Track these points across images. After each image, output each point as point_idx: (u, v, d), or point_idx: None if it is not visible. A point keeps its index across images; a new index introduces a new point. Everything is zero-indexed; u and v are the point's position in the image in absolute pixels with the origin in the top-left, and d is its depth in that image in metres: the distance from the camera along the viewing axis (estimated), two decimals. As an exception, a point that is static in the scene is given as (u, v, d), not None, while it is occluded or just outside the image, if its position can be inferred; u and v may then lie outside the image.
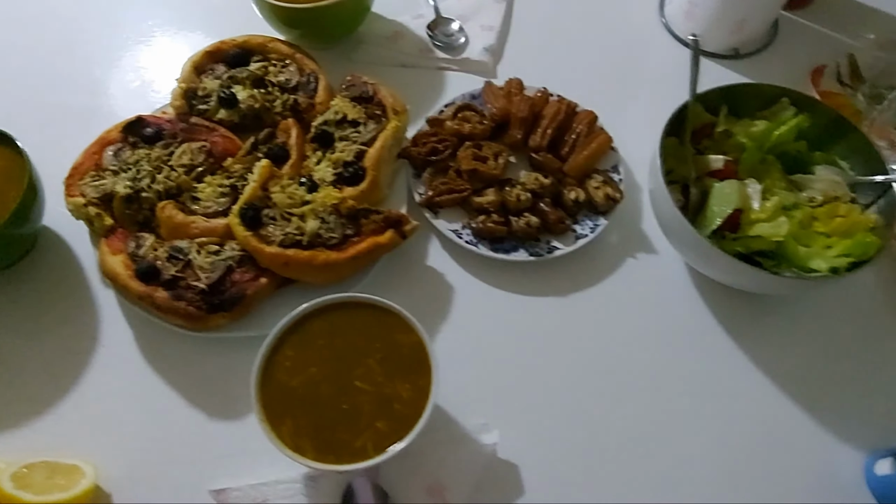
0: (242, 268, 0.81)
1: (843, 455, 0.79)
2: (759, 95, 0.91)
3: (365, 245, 0.82)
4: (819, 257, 0.79)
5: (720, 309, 0.88)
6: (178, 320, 0.79)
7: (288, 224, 0.82)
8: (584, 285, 0.89)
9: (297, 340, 0.73)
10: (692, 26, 1.12)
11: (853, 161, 0.88)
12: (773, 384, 0.83)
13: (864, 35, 1.11)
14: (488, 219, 0.89)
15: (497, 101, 0.98)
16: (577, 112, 0.99)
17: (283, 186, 0.84)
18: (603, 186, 0.92)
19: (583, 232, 0.90)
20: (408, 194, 0.93)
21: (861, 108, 1.05)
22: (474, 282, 0.89)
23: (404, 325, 0.73)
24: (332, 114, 0.93)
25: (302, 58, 1.00)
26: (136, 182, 0.87)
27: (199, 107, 0.96)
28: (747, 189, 0.85)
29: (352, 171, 0.88)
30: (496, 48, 1.12)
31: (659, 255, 0.92)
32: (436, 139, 0.95)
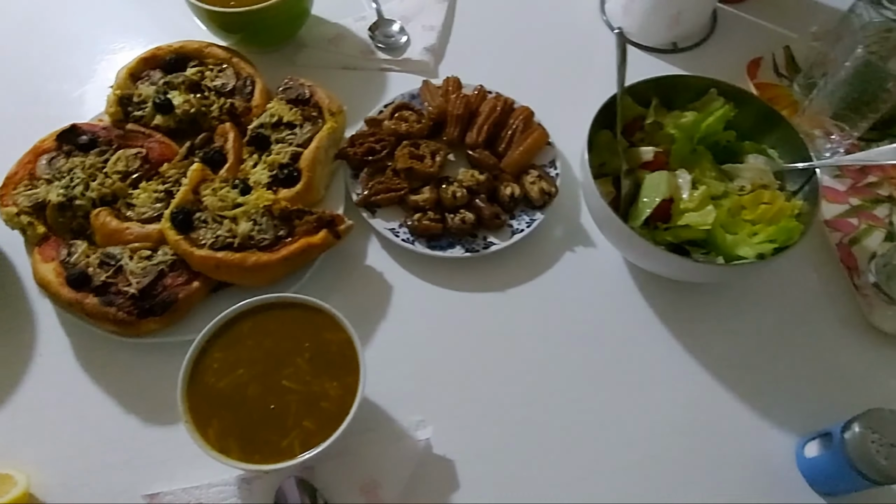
0: (175, 272, 0.81)
1: (777, 439, 0.80)
2: (690, 87, 0.93)
3: (297, 245, 0.82)
4: (745, 244, 0.81)
5: (656, 299, 0.89)
6: (109, 326, 0.79)
7: (220, 227, 0.82)
8: (521, 280, 0.90)
9: (226, 342, 0.73)
10: (630, 21, 1.14)
11: (782, 150, 0.89)
12: (707, 372, 0.84)
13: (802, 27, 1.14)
14: (424, 216, 0.89)
15: (434, 100, 0.99)
16: (515, 108, 1.00)
17: (215, 189, 0.84)
18: (538, 181, 0.92)
19: (519, 227, 0.91)
20: (345, 195, 0.93)
21: (797, 97, 1.07)
22: (412, 279, 0.90)
23: (333, 324, 0.74)
24: (268, 116, 0.94)
25: (238, 62, 1.01)
26: (70, 190, 0.86)
27: (134, 113, 0.96)
28: (677, 179, 0.86)
29: (287, 173, 0.89)
30: (437, 48, 1.13)
31: (597, 247, 0.93)
32: (373, 139, 0.95)
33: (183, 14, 1.04)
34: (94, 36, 1.15)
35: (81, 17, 1.17)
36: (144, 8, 1.18)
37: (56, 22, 1.17)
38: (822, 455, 0.72)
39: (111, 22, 1.17)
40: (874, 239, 0.92)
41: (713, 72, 1.08)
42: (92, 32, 1.15)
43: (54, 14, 1.18)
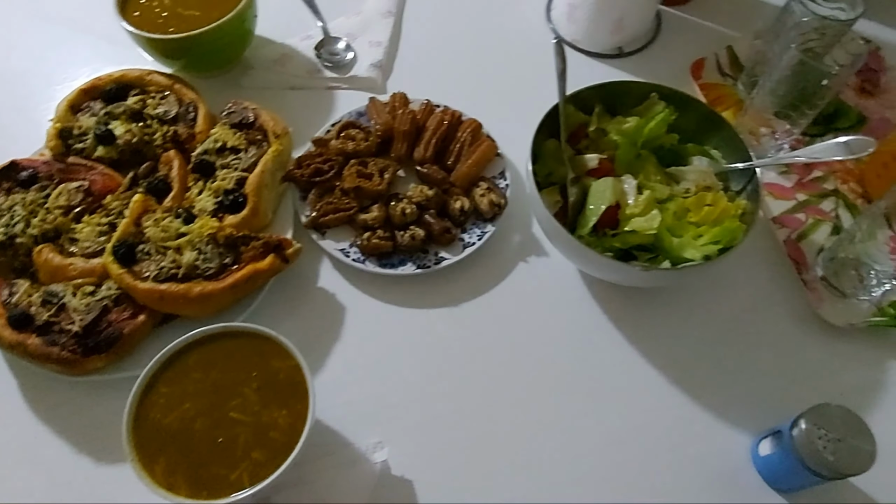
0: (119, 307, 0.80)
1: (734, 437, 0.80)
2: (633, 93, 0.93)
3: (243, 273, 0.81)
4: (690, 247, 0.81)
5: (610, 305, 0.89)
6: (53, 366, 0.77)
7: (163, 258, 0.81)
8: (474, 293, 0.90)
9: (171, 377, 0.72)
10: (575, 28, 1.14)
11: (726, 151, 0.90)
12: (663, 374, 0.85)
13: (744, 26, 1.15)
14: (373, 235, 0.89)
15: (381, 117, 0.99)
16: (463, 121, 1.00)
17: (157, 220, 0.83)
18: (487, 193, 0.92)
19: (470, 240, 0.91)
20: (294, 217, 0.92)
21: (742, 96, 1.09)
22: (366, 299, 0.89)
23: (281, 350, 0.73)
24: (212, 142, 0.93)
25: (181, 88, 1.00)
26: (10, 228, 0.85)
27: (76, 146, 0.94)
28: (623, 185, 0.87)
29: (232, 199, 0.88)
30: (385, 63, 1.13)
31: (549, 256, 0.93)
32: (320, 160, 0.95)
33: (125, 43, 1.02)
34: (33, 69, 1.13)
35: (19, 50, 1.15)
36: (85, 39, 1.16)
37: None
38: (775, 453, 0.72)
39: (50, 54, 1.15)
40: (821, 233, 0.94)
41: (659, 74, 1.10)
42: (30, 65, 1.13)
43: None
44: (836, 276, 0.88)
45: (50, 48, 1.16)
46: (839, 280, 0.88)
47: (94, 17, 1.13)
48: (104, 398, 0.80)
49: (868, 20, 1.13)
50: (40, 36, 1.17)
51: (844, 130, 1.04)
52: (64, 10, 1.21)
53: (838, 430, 0.66)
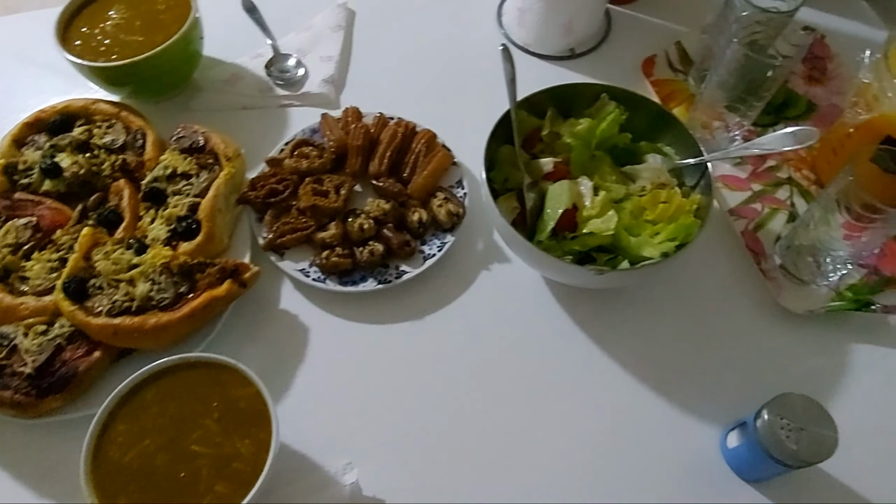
0: (73, 344, 0.78)
1: (704, 431, 0.80)
2: (584, 94, 0.93)
3: (200, 301, 0.79)
4: (648, 245, 0.81)
5: (574, 308, 0.89)
6: (7, 411, 0.75)
7: (116, 291, 0.79)
8: (438, 305, 0.89)
9: (129, 413, 0.70)
10: (525, 33, 1.15)
11: (678, 147, 0.91)
12: (631, 373, 0.85)
13: (693, 21, 1.16)
14: (332, 253, 0.88)
15: (334, 133, 0.98)
16: (417, 132, 0.99)
17: (108, 253, 0.81)
18: (445, 203, 0.92)
19: (431, 252, 0.90)
20: (251, 240, 0.91)
21: (693, 90, 1.09)
22: (328, 318, 0.88)
23: (241, 378, 0.71)
24: (162, 169, 0.91)
25: (127, 115, 0.98)
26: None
27: (21, 181, 0.92)
28: (579, 187, 0.87)
29: (186, 226, 0.86)
30: (337, 78, 1.12)
31: (511, 262, 0.93)
32: (275, 180, 0.93)
33: (68, 73, 1.00)
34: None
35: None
36: (26, 70, 1.13)
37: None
38: (741, 445, 0.73)
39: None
40: (778, 222, 0.94)
41: (612, 74, 1.11)
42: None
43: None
44: (794, 263, 0.89)
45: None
46: (797, 267, 0.89)
47: (34, 47, 1.11)
48: (62, 439, 0.78)
49: (811, 8, 1.15)
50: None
51: (795, 119, 1.06)
52: (5, 43, 1.18)
53: (800, 419, 0.67)
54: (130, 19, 1.02)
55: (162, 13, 1.03)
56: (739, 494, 0.76)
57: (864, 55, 0.88)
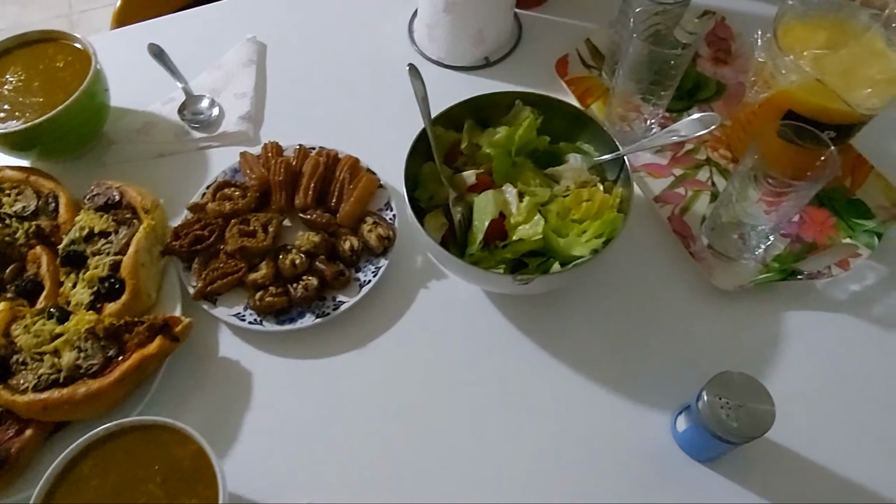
0: (3, 426, 0.75)
1: (655, 419, 0.81)
2: (500, 103, 0.94)
3: (130, 363, 0.77)
4: (577, 245, 0.82)
5: (515, 315, 0.89)
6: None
7: (41, 365, 0.76)
8: (380, 330, 0.88)
9: (68, 490, 0.67)
10: (437, 47, 1.15)
11: (597, 144, 0.92)
12: (579, 371, 0.85)
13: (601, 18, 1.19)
14: (266, 293, 0.86)
15: (255, 171, 0.96)
16: (339, 159, 0.99)
17: (27, 326, 0.78)
18: (374, 228, 0.91)
19: (366, 278, 0.89)
20: (181, 291, 0.89)
21: (608, 84, 1.11)
22: (271, 359, 0.87)
23: (181, 436, 0.69)
24: (78, 231, 0.88)
25: (37, 179, 0.95)
26: None
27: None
28: (505, 196, 0.87)
29: (108, 286, 0.83)
30: (253, 114, 1.10)
31: (448, 278, 0.93)
32: (199, 226, 0.91)
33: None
34: None
35: None
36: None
37: None
38: (688, 428, 0.74)
39: None
40: (702, 203, 0.97)
41: (527, 78, 1.12)
42: None
43: None
44: (721, 242, 0.91)
45: None
46: (724, 245, 0.91)
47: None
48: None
49: (708, -8, 1.19)
50: None
51: (707, 101, 1.09)
52: None
53: (738, 396, 0.68)
54: (28, 81, 0.99)
55: (60, 70, 1.00)
56: (695, 475, 0.77)
57: (757, 35, 0.91)
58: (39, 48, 1.03)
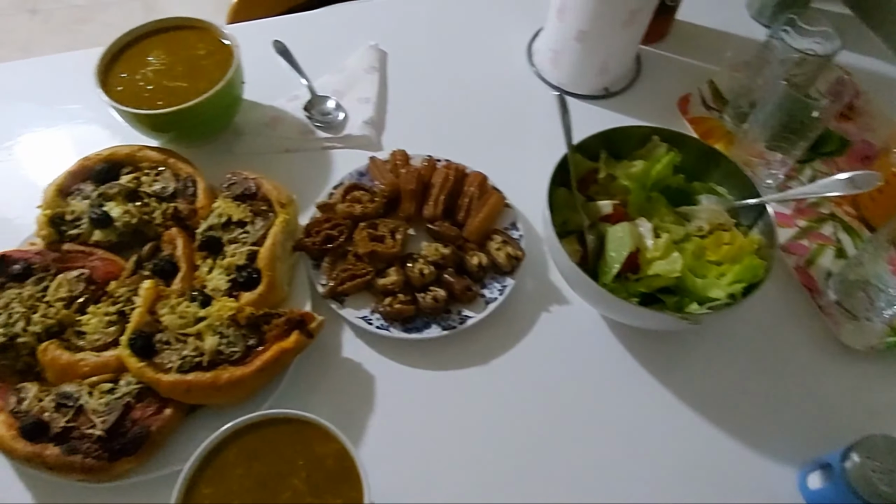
0: (143, 402, 0.76)
1: (778, 472, 0.81)
2: (633, 136, 0.95)
3: (270, 354, 0.78)
4: (715, 286, 0.82)
5: (637, 348, 0.90)
6: (77, 476, 0.72)
7: (184, 346, 0.77)
8: (503, 349, 0.89)
9: (213, 476, 0.68)
10: (559, 73, 1.16)
11: (730, 186, 0.92)
12: (699, 414, 0.85)
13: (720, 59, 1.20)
14: (395, 300, 0.87)
15: (384, 177, 0.98)
16: (467, 174, 1.00)
17: (173, 306, 0.79)
18: (503, 247, 0.92)
19: (492, 296, 0.90)
20: (310, 287, 0.90)
21: (730, 128, 1.12)
22: (393, 366, 0.87)
23: (323, 434, 0.70)
24: (216, 217, 0.89)
25: (175, 162, 0.96)
26: (9, 328, 0.79)
27: (70, 232, 0.89)
28: (639, 229, 0.88)
29: (246, 276, 0.85)
30: (376, 120, 1.12)
31: (571, 303, 0.93)
32: (329, 225, 0.93)
33: (102, 121, 0.99)
34: (11, 153, 1.08)
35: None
36: (63, 117, 1.11)
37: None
38: (826, 487, 0.73)
39: (29, 136, 1.10)
40: (827, 258, 0.96)
41: (647, 112, 1.13)
42: (7, 149, 1.08)
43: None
44: (849, 299, 0.91)
45: (27, 129, 1.10)
46: (852, 303, 0.90)
47: (72, 93, 1.09)
48: (138, 501, 0.76)
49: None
50: (15, 116, 1.12)
51: (829, 155, 1.08)
52: (38, 88, 1.16)
53: (888, 461, 0.68)
54: (171, 65, 1.01)
55: (203, 59, 1.02)
56: (820, 534, 0.77)
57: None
58: (181, 34, 1.05)
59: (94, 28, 2.95)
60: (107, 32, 1.00)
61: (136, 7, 3.00)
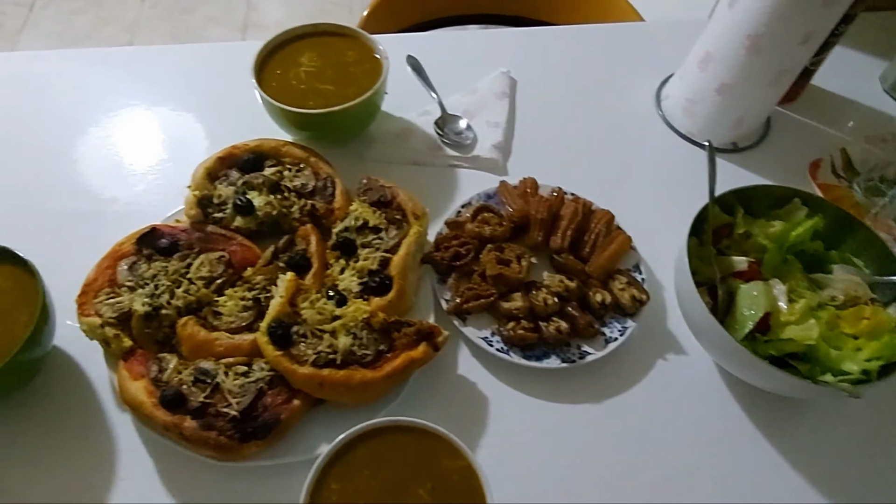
0: (274, 390, 0.78)
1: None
2: (772, 195, 0.94)
3: (400, 361, 0.79)
4: (850, 360, 0.80)
5: (753, 410, 0.88)
6: (208, 451, 0.74)
7: (319, 342, 0.79)
8: (616, 390, 0.88)
9: (341, 472, 0.69)
10: (691, 122, 1.16)
11: (865, 257, 0.91)
12: (811, 487, 0.83)
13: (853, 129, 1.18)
14: (518, 325, 0.88)
15: (514, 202, 0.99)
16: (594, 211, 1.00)
17: (313, 301, 0.82)
18: (628, 288, 0.92)
19: (612, 335, 0.90)
20: (434, 301, 0.91)
21: (859, 199, 1.10)
22: (506, 390, 0.88)
23: (451, 450, 0.71)
24: (353, 220, 0.92)
25: (317, 161, 1.00)
26: (155, 298, 0.83)
27: (214, 215, 0.93)
28: (773, 290, 0.87)
29: (378, 281, 0.87)
30: (504, 145, 1.14)
31: (688, 355, 0.92)
32: (457, 243, 0.94)
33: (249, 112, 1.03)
34: (153, 130, 1.13)
35: (135, 112, 1.16)
36: (211, 103, 1.17)
37: (116, 117, 1.15)
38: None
39: (170, 115, 1.15)
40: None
41: (774, 171, 1.12)
42: (150, 126, 1.14)
43: (112, 107, 1.16)
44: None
45: (168, 109, 1.16)
46: None
47: (224, 86, 1.14)
48: (248, 485, 0.78)
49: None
50: (161, 97, 1.18)
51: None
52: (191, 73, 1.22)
53: None
54: (322, 68, 1.05)
55: (351, 66, 1.06)
56: None
57: None
58: (332, 40, 1.10)
59: (196, 20, 3.06)
60: (205, 25, 1.06)
61: (239, 4, 3.10)
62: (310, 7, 3.17)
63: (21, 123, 1.11)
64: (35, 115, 1.13)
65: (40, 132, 1.10)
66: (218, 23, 3.16)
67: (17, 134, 1.10)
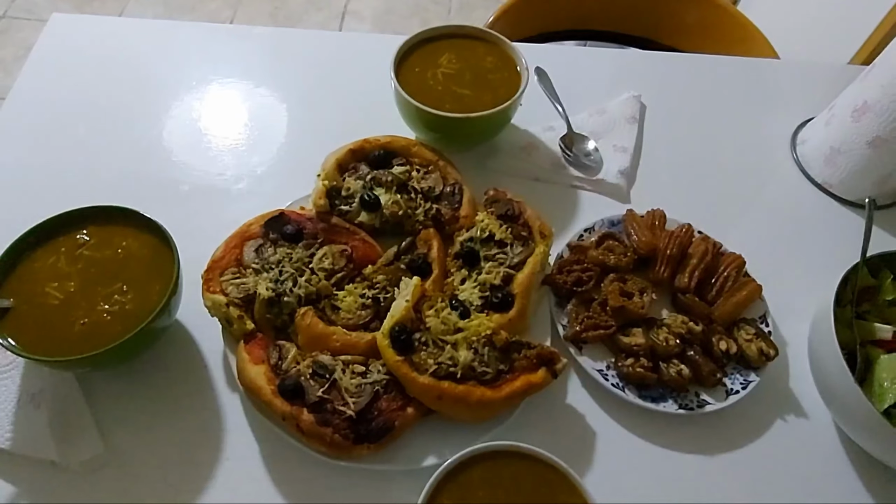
0: (389, 394, 0.77)
1: None
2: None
3: (520, 384, 0.77)
4: None
5: (873, 484, 0.83)
6: (320, 447, 0.74)
7: (441, 352, 0.78)
8: (732, 445, 0.84)
9: (456, 490, 0.68)
10: (831, 172, 1.10)
11: None
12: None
13: None
14: (637, 363, 0.84)
15: (642, 234, 0.95)
16: (723, 254, 0.96)
17: (438, 310, 0.80)
18: (755, 340, 0.87)
19: (733, 387, 0.85)
20: (550, 325, 0.89)
21: None
22: (616, 427, 0.85)
23: (568, 485, 0.69)
24: (479, 231, 0.90)
25: (445, 165, 0.98)
26: (279, 285, 0.83)
27: (340, 207, 0.93)
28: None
29: (500, 297, 0.85)
30: (630, 171, 1.10)
31: (809, 419, 0.87)
32: (580, 268, 0.91)
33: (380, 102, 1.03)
34: (281, 113, 1.15)
35: (265, 96, 1.17)
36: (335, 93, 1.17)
37: (248, 100, 1.17)
38: None
39: (299, 101, 1.16)
40: None
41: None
42: (277, 110, 1.15)
43: (246, 91, 1.18)
44: None
45: (297, 95, 1.17)
46: None
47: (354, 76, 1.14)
48: (351, 486, 0.78)
49: None
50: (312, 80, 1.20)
51: None
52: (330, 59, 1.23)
53: None
54: (461, 71, 1.04)
55: (490, 72, 1.05)
56: None
57: None
58: (472, 44, 1.08)
59: (297, 2, 3.09)
60: (306, 9, 1.07)
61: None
62: (409, 2, 3.18)
63: (153, 102, 1.14)
64: (165, 94, 1.15)
65: (173, 111, 1.13)
66: (319, 8, 3.20)
67: (150, 112, 1.12)
